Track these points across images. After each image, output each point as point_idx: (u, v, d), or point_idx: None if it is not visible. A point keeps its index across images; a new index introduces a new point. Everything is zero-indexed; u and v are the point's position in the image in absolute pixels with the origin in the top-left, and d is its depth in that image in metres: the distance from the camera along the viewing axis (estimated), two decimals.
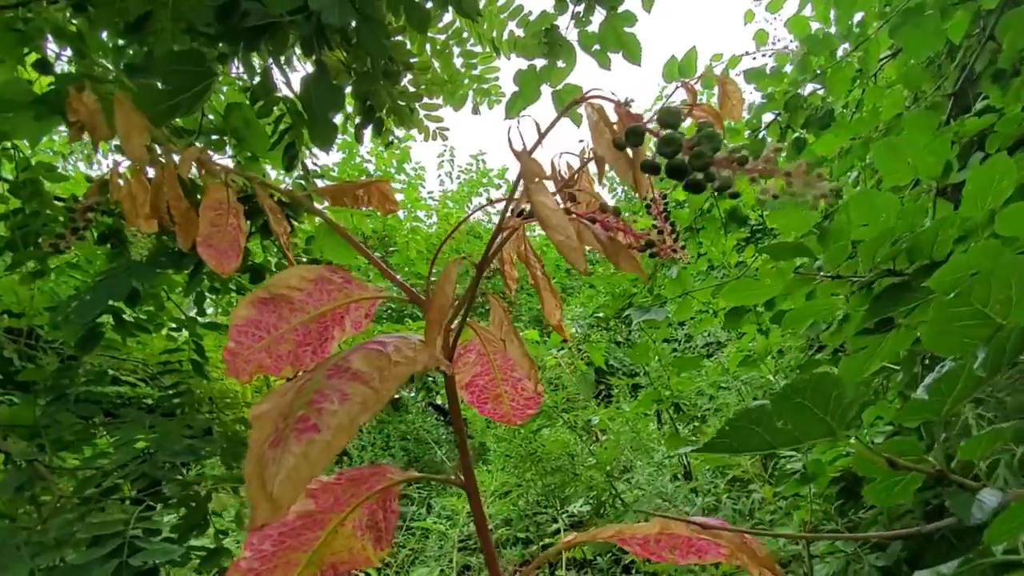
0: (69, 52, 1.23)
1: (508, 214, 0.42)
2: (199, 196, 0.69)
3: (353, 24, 0.90)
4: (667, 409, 1.81)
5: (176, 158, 0.66)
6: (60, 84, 1.07)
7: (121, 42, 1.14)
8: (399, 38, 1.19)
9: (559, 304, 0.62)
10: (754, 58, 1.66)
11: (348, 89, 1.19)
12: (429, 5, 0.98)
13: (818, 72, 1.54)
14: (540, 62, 1.19)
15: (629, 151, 0.31)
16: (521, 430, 2.02)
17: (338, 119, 1.37)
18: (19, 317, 1.56)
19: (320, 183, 1.47)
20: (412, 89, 1.17)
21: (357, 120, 1.19)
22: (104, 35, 1.16)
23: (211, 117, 1.35)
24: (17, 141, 1.33)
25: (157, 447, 1.06)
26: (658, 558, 0.52)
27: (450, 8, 1.03)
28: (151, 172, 0.69)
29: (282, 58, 1.12)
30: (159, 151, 0.70)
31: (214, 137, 1.35)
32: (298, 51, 1.05)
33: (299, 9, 0.81)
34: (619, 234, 0.52)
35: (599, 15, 1.13)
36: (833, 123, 1.64)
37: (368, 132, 1.21)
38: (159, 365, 1.54)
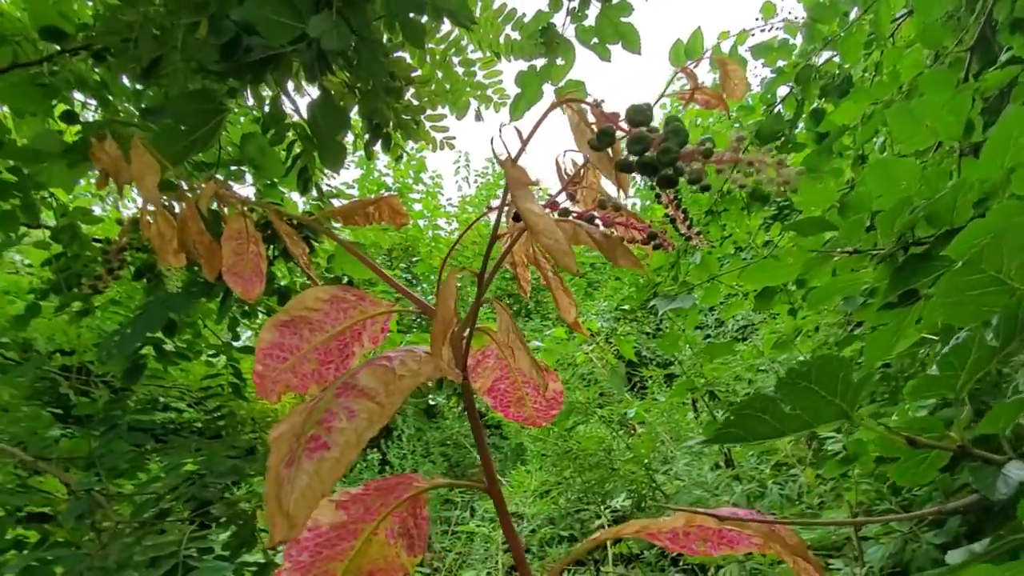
0: (94, 101, 1.30)
1: (503, 221, 0.43)
2: (225, 227, 0.72)
3: (352, 45, 0.93)
4: (702, 397, 1.78)
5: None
6: (87, 132, 1.13)
7: (140, 87, 1.20)
8: (400, 54, 1.22)
9: (573, 303, 0.63)
10: (753, 34, 1.61)
11: (356, 109, 1.21)
12: (424, 19, 0.99)
13: (829, 40, 1.49)
14: (540, 62, 1.20)
15: (609, 150, 0.31)
16: (555, 428, 2.02)
17: (349, 138, 1.40)
18: (71, 355, 1.65)
19: (337, 203, 1.51)
20: (416, 102, 1.19)
21: (366, 138, 1.22)
22: (126, 81, 1.22)
23: (229, 149, 1.40)
24: (54, 189, 1.41)
25: (205, 469, 1.11)
26: (689, 551, 0.52)
27: (446, 19, 1.04)
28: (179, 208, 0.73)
29: (291, 85, 1.16)
30: (185, 187, 0.73)
31: (233, 168, 1.40)
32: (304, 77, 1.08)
33: (299, 38, 0.84)
34: (621, 229, 0.52)
35: (595, 8, 1.13)
36: (852, 90, 1.59)
37: (379, 148, 1.23)
38: (201, 391, 1.60)
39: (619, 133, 0.33)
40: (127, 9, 0.97)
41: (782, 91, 1.83)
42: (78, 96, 1.28)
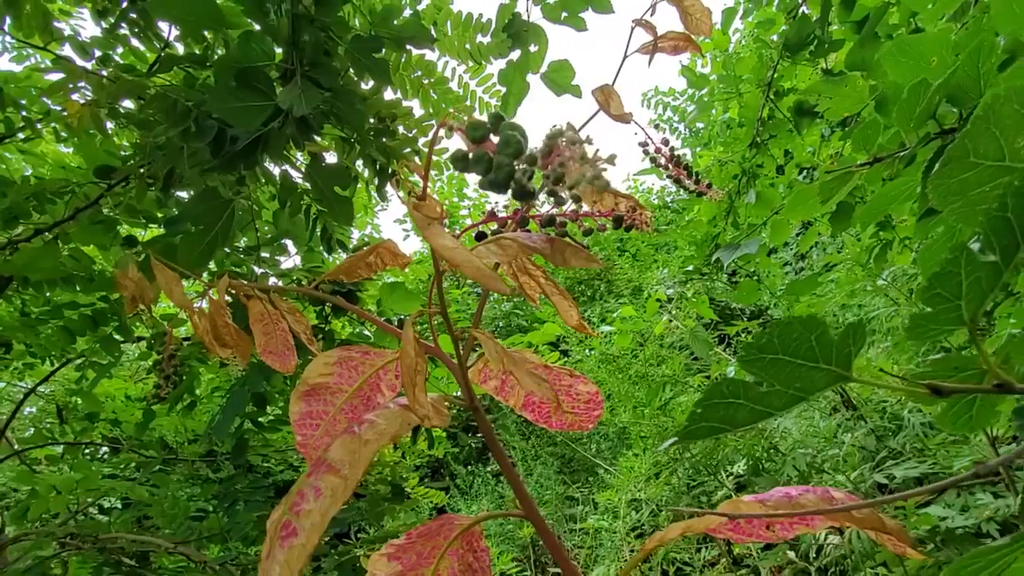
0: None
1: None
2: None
3: (326, 103, 0.95)
4: None
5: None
6: (146, 251, 1.27)
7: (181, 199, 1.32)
8: (388, 93, 1.23)
9: (573, 304, 0.60)
10: None
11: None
12: (385, 55, 1.00)
13: None
14: (516, 54, 1.16)
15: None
16: (646, 409, 1.95)
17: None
18: (196, 442, 1.85)
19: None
20: (410, 134, 1.20)
21: (376, 181, 1.25)
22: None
23: (267, 228, 1.50)
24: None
25: None
26: (758, 538, 0.48)
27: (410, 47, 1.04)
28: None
29: (300, 155, 1.22)
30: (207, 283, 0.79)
31: (277, 244, 1.50)
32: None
33: (274, 114, 0.88)
34: (575, 222, 0.49)
35: None
36: None
37: (389, 189, 1.26)
38: None
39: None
40: (145, 134, 1.07)
41: None
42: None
